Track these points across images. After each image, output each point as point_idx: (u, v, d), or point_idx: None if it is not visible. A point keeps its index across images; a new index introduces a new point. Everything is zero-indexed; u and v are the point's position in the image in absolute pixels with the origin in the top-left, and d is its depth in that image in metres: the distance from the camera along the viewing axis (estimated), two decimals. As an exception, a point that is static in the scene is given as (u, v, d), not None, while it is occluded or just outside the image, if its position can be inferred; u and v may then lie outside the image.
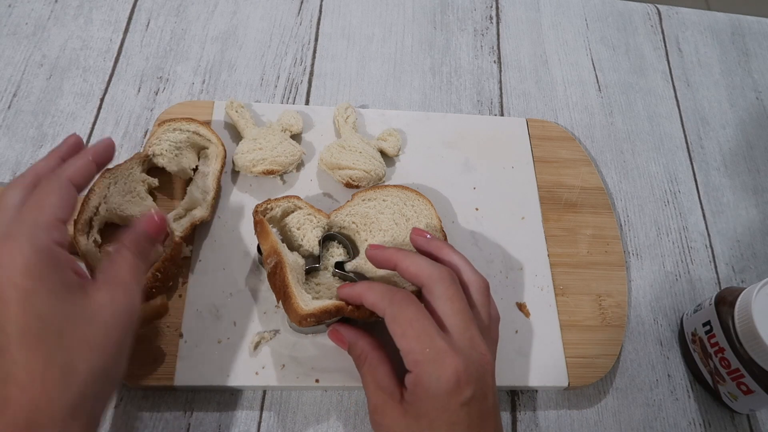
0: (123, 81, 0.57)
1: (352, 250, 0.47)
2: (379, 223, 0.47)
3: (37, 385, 0.28)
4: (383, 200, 0.48)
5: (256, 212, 0.44)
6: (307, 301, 0.39)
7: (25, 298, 0.29)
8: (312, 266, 0.45)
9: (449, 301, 0.36)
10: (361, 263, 0.45)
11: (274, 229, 0.44)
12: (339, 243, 0.47)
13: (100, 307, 0.31)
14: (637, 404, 0.47)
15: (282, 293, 0.40)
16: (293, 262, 0.42)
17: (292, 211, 0.46)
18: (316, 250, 0.45)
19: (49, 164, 0.36)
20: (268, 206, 0.45)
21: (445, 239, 0.47)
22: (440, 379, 0.33)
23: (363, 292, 0.38)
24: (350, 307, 0.40)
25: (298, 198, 0.47)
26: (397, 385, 0.36)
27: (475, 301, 0.38)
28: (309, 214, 0.46)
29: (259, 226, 0.43)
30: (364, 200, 0.48)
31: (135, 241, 0.36)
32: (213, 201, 0.48)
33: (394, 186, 0.49)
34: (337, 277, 0.45)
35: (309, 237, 0.45)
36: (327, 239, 0.47)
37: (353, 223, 0.47)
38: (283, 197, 0.46)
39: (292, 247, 0.45)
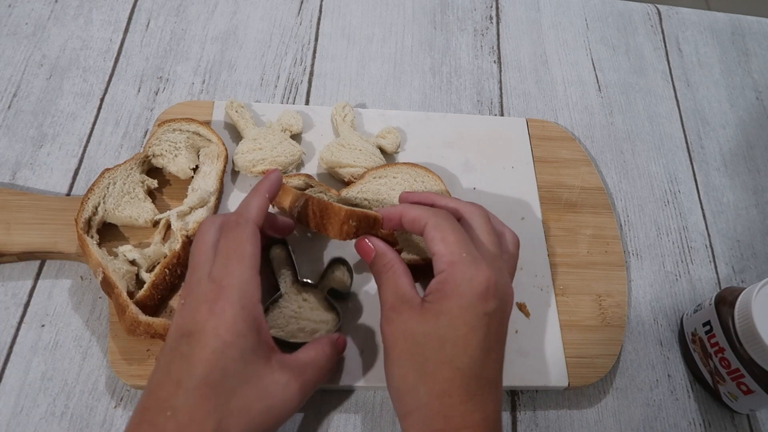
0: (123, 81, 0.57)
1: (352, 277, 0.46)
2: (391, 199, 0.49)
3: (191, 430, 0.30)
4: (394, 177, 0.50)
5: None
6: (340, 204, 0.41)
7: (221, 349, 0.32)
8: (274, 297, 0.44)
9: (486, 232, 0.38)
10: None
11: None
12: (344, 267, 0.46)
13: (275, 386, 0.33)
14: (637, 404, 0.47)
15: (318, 214, 0.41)
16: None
17: (305, 189, 0.48)
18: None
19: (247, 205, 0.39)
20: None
21: None
22: (473, 280, 0.34)
23: (405, 208, 0.39)
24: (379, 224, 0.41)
25: (308, 176, 0.49)
26: (416, 295, 0.36)
27: (505, 249, 0.41)
28: (321, 192, 0.48)
29: (280, 190, 0.45)
30: (375, 177, 0.49)
31: (331, 345, 0.39)
32: (216, 201, 0.48)
33: (404, 163, 0.51)
34: (325, 302, 0.45)
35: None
36: (334, 263, 0.46)
37: (365, 200, 0.48)
38: (295, 174, 0.49)
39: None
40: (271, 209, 0.47)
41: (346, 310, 0.45)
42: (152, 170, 0.50)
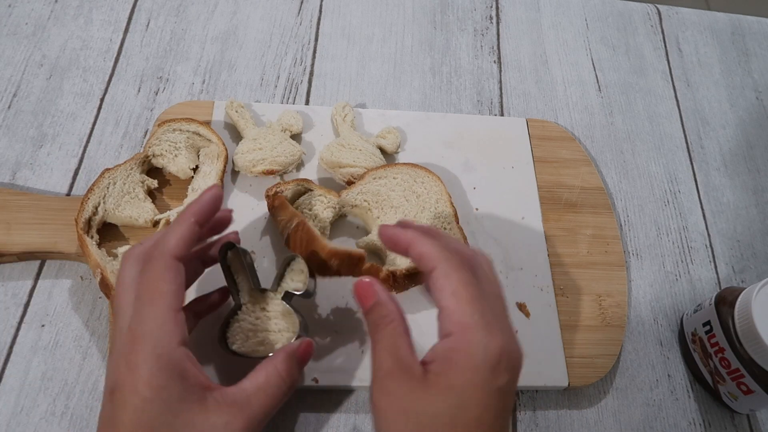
0: (123, 81, 0.57)
1: (313, 282, 0.41)
2: (390, 200, 0.48)
3: None
4: (394, 178, 0.49)
5: (267, 196, 0.47)
6: (328, 242, 0.41)
7: (141, 407, 0.29)
8: (262, 288, 0.41)
9: (491, 285, 0.33)
10: (374, 239, 0.47)
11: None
12: (303, 263, 0.41)
13: (212, 429, 0.30)
14: (637, 404, 0.47)
15: (305, 242, 0.41)
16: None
17: (303, 193, 0.48)
18: (327, 230, 0.47)
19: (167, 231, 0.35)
20: (278, 189, 0.47)
21: (455, 215, 0.48)
22: (488, 349, 0.29)
23: (415, 239, 0.33)
24: (336, 262, 0.40)
25: (307, 180, 0.49)
26: (416, 361, 0.31)
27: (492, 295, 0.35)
28: (320, 195, 0.48)
29: (276, 201, 0.45)
30: (375, 178, 0.49)
31: (287, 359, 0.34)
32: (213, 201, 0.48)
33: (405, 164, 0.51)
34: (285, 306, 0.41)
35: (321, 217, 0.47)
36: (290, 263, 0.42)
37: (365, 201, 0.48)
38: (293, 180, 0.48)
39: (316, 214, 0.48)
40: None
41: (336, 311, 0.44)
42: (152, 170, 0.50)
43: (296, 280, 0.40)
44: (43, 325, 0.44)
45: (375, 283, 0.34)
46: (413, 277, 0.45)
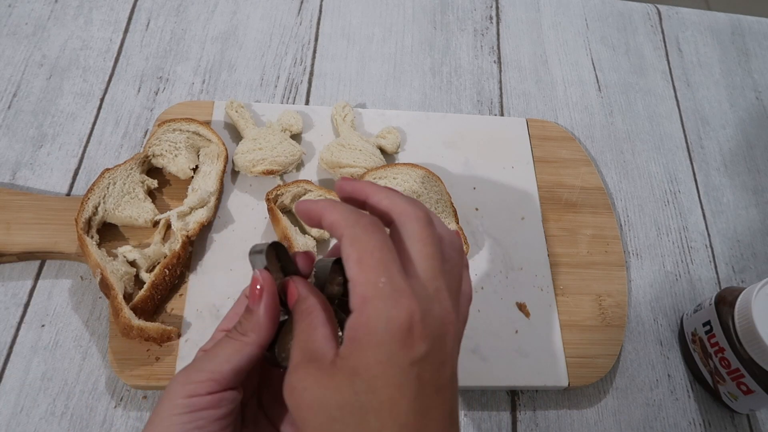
0: (123, 81, 0.57)
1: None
2: None
3: None
4: (394, 178, 0.50)
5: (267, 199, 0.47)
6: None
7: None
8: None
9: (420, 242, 0.28)
10: None
11: (285, 216, 0.47)
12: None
13: None
14: (637, 404, 0.47)
15: None
16: (303, 245, 0.45)
17: (303, 195, 0.48)
18: (326, 234, 0.47)
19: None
20: (279, 192, 0.47)
21: (455, 215, 0.48)
22: (391, 320, 0.25)
23: (325, 208, 0.29)
24: None
25: (307, 182, 0.49)
26: (330, 350, 0.27)
27: (448, 257, 0.30)
28: (320, 195, 0.48)
29: (270, 213, 0.46)
30: (375, 179, 0.49)
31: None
32: (216, 201, 0.48)
33: (405, 164, 0.51)
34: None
35: None
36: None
37: None
38: (293, 182, 0.48)
39: (305, 229, 0.48)
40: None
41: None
42: (152, 170, 0.50)
43: (335, 283, 0.33)
44: (43, 325, 0.44)
45: (299, 281, 0.31)
46: None
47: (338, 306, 0.33)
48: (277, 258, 0.32)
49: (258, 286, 0.30)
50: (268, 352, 0.31)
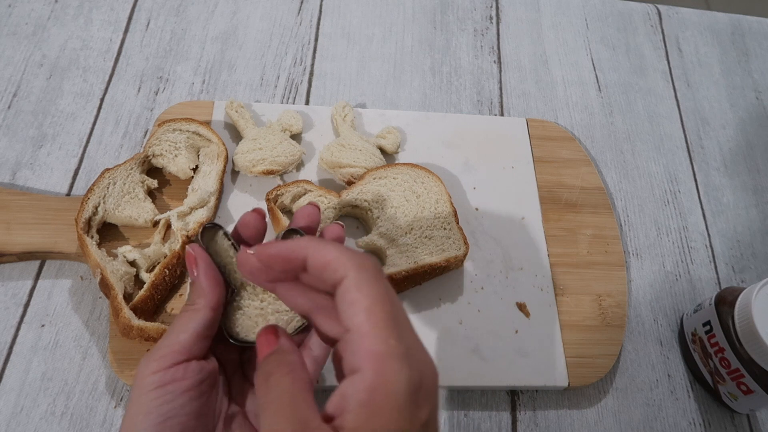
0: (123, 81, 0.57)
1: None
2: (390, 200, 0.49)
3: None
4: (394, 178, 0.50)
5: (267, 199, 0.47)
6: None
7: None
8: None
9: (395, 296, 0.27)
10: (374, 239, 0.47)
11: (285, 216, 0.47)
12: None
13: None
14: (637, 404, 0.47)
15: None
16: None
17: (303, 195, 0.48)
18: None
19: None
20: (278, 192, 0.47)
21: (455, 215, 0.48)
22: (409, 380, 0.23)
23: (310, 246, 0.26)
24: None
25: (307, 182, 0.49)
26: (321, 422, 0.24)
27: None
28: (320, 195, 0.48)
29: (270, 213, 0.46)
30: (375, 179, 0.49)
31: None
32: (216, 201, 0.48)
33: (405, 164, 0.51)
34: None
35: (321, 218, 0.47)
36: None
37: (365, 201, 0.48)
38: (293, 182, 0.48)
39: None
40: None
41: None
42: (152, 170, 0.50)
43: None
44: (43, 325, 0.44)
45: (280, 330, 0.29)
46: (412, 278, 0.45)
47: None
48: (225, 237, 0.33)
49: (191, 254, 0.31)
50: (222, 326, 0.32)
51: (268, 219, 0.48)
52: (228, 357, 0.33)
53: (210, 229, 0.33)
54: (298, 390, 0.25)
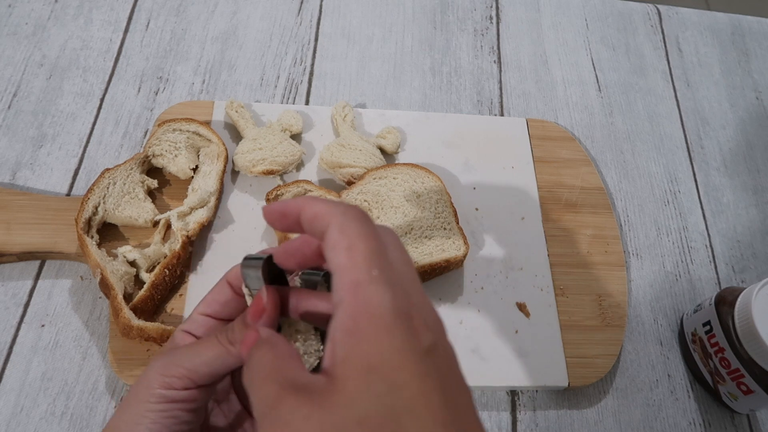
0: (123, 81, 0.57)
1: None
2: (391, 200, 0.49)
3: None
4: (394, 178, 0.50)
5: (267, 200, 0.47)
6: None
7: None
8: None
9: (397, 250, 0.26)
10: None
11: None
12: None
13: None
14: (637, 404, 0.47)
15: None
16: None
17: (303, 195, 0.48)
18: None
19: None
20: (279, 192, 0.47)
21: (455, 215, 0.48)
22: (394, 302, 0.22)
23: (304, 202, 0.26)
24: None
25: (307, 182, 0.49)
26: (313, 377, 0.23)
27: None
28: (320, 196, 0.48)
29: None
30: (375, 179, 0.49)
31: (227, 327, 0.29)
32: (216, 201, 0.48)
33: (405, 164, 0.51)
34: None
35: None
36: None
37: (365, 201, 0.49)
38: (293, 182, 0.48)
39: None
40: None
41: None
42: (152, 170, 0.50)
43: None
44: (43, 325, 0.44)
45: (260, 329, 0.27)
46: None
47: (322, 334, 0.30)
48: (269, 270, 0.30)
49: (263, 305, 0.28)
50: None
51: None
52: None
53: (255, 259, 0.29)
54: (281, 358, 0.24)
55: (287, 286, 0.30)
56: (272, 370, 0.23)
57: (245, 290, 0.31)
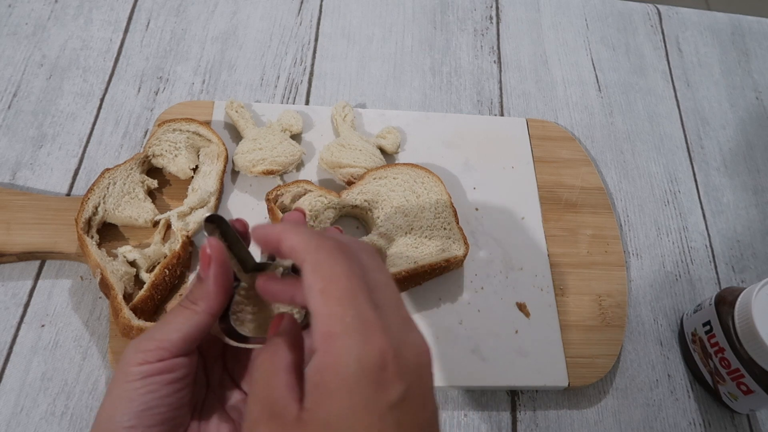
0: (123, 81, 0.57)
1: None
2: (390, 200, 0.49)
3: None
4: (394, 178, 0.50)
5: (267, 200, 0.47)
6: None
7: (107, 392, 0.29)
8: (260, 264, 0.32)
9: (378, 272, 0.27)
10: (374, 239, 0.47)
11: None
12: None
13: None
14: (637, 404, 0.47)
15: None
16: None
17: (303, 195, 0.48)
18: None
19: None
20: (278, 192, 0.47)
21: (455, 216, 0.48)
22: (361, 358, 0.23)
23: (283, 232, 0.27)
24: None
25: (307, 182, 0.49)
26: (293, 401, 0.24)
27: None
28: (320, 196, 0.48)
29: (270, 213, 0.46)
30: (375, 179, 0.49)
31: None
32: (216, 201, 0.48)
33: (405, 164, 0.51)
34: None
35: (321, 218, 0.47)
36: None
37: (365, 201, 0.49)
38: (293, 182, 0.48)
39: None
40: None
41: None
42: (152, 170, 0.50)
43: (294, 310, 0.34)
44: (43, 325, 0.44)
45: (287, 315, 0.29)
46: (412, 278, 0.45)
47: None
48: (231, 233, 0.31)
49: (207, 252, 0.29)
50: (222, 323, 0.31)
51: (267, 219, 0.48)
52: (210, 349, 0.33)
53: (213, 220, 0.31)
54: (276, 371, 0.25)
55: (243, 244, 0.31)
56: (263, 387, 0.25)
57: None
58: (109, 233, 0.47)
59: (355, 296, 0.24)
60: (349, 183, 0.50)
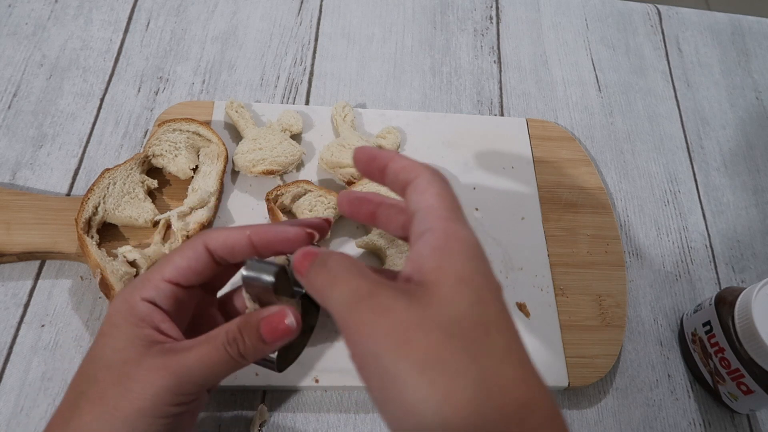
0: (123, 81, 0.57)
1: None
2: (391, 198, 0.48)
3: (77, 416, 0.29)
4: None
5: (267, 200, 0.47)
6: None
7: (99, 339, 0.31)
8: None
9: (454, 198, 0.29)
10: (374, 239, 0.47)
11: (285, 216, 0.47)
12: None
13: (140, 389, 0.29)
14: (637, 404, 0.47)
15: None
16: None
17: (303, 195, 0.48)
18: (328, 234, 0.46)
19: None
20: (279, 192, 0.47)
21: None
22: (479, 244, 0.26)
23: (391, 154, 0.30)
24: None
25: (307, 182, 0.49)
26: (392, 278, 0.26)
27: None
28: (320, 196, 0.48)
29: (270, 213, 0.46)
30: None
31: (239, 334, 0.29)
32: (216, 201, 0.48)
33: None
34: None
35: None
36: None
37: None
38: (293, 182, 0.48)
39: None
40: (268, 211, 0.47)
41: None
42: (152, 170, 0.50)
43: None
44: (43, 325, 0.44)
45: (314, 249, 0.30)
46: None
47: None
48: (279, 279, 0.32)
49: (284, 326, 0.29)
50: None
51: (267, 219, 0.48)
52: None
53: (279, 276, 0.31)
54: (360, 264, 0.26)
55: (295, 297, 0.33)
56: (358, 270, 0.26)
57: (245, 294, 0.32)
58: (109, 233, 0.47)
59: (461, 211, 0.28)
60: (349, 183, 0.50)
